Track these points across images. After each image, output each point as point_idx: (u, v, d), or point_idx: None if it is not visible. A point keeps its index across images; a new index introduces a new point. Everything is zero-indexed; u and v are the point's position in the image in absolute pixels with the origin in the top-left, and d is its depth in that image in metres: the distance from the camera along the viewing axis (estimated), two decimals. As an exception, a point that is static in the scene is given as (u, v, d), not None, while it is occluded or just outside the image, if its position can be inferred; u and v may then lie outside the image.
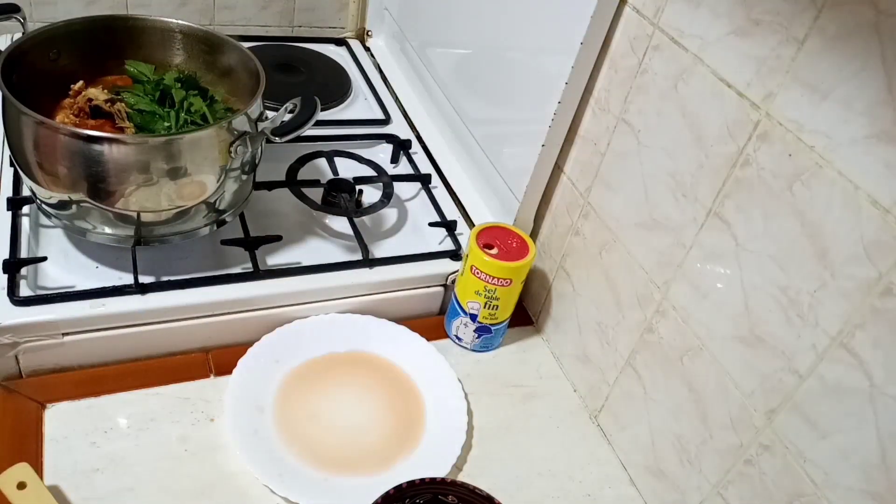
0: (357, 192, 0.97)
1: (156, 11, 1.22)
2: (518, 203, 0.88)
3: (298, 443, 0.73)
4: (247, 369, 0.78)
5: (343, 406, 0.78)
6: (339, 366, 0.82)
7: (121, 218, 0.74)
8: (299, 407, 0.76)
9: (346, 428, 0.76)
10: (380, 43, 1.34)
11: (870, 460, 0.52)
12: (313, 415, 0.76)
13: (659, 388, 0.73)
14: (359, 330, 0.85)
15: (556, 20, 0.80)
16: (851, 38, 0.51)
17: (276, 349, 0.81)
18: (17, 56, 0.75)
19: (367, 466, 0.73)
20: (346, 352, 0.83)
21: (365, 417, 0.77)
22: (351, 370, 0.82)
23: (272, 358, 0.80)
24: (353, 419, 0.77)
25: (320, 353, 0.82)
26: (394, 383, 0.82)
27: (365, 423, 0.77)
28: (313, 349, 0.82)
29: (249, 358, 0.79)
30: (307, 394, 0.78)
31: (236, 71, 0.86)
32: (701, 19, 0.64)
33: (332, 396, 0.78)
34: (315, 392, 0.78)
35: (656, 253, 0.72)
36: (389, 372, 0.83)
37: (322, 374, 0.80)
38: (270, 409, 0.75)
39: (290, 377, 0.79)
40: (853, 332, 0.52)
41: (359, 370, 0.82)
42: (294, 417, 0.75)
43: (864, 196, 0.51)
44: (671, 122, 0.68)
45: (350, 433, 0.76)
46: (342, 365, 0.82)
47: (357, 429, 0.76)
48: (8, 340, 0.72)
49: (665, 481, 0.73)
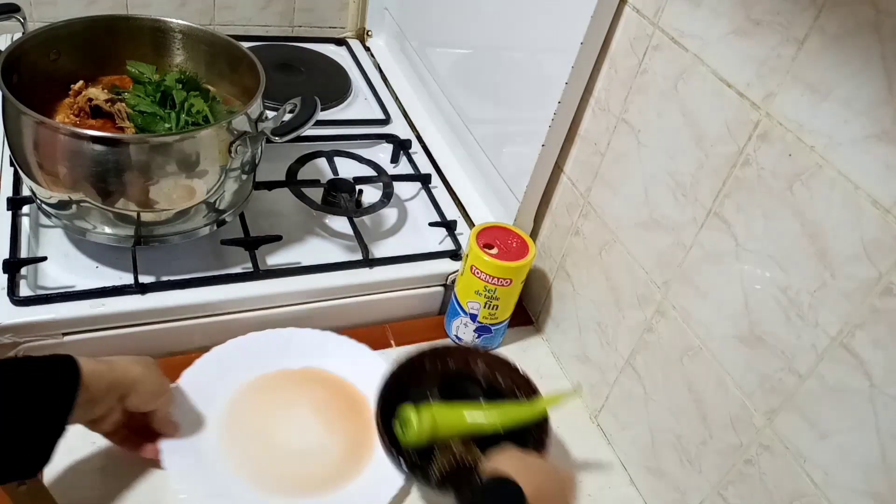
0: (357, 192, 0.97)
1: (156, 11, 1.22)
2: (518, 203, 0.88)
3: (238, 459, 0.69)
4: (191, 381, 0.74)
5: (292, 424, 0.73)
6: (291, 382, 0.77)
7: (121, 218, 0.74)
8: (245, 423, 0.72)
9: (291, 447, 0.71)
10: (380, 43, 1.34)
11: (870, 460, 0.52)
12: (258, 431, 0.72)
13: (659, 388, 0.73)
14: (316, 346, 0.81)
15: (556, 20, 0.80)
16: (851, 37, 0.51)
17: (225, 362, 0.76)
18: (17, 56, 0.75)
19: (311, 487, 0.68)
20: (301, 368, 0.79)
21: (313, 437, 0.72)
22: (303, 387, 0.77)
23: (220, 371, 0.76)
24: (301, 438, 0.72)
25: (272, 368, 0.78)
26: (347, 402, 0.76)
27: (313, 443, 0.72)
28: (265, 364, 0.78)
29: (195, 369, 0.75)
30: (254, 410, 0.73)
31: (236, 71, 0.86)
32: (701, 19, 0.64)
33: (281, 414, 0.74)
34: (263, 408, 0.74)
35: (656, 253, 0.72)
36: (343, 390, 0.78)
37: (272, 390, 0.76)
38: (214, 424, 0.71)
39: (238, 392, 0.75)
40: (853, 332, 0.52)
41: (311, 388, 0.77)
42: (238, 434, 0.71)
43: (864, 196, 0.51)
44: (671, 122, 0.68)
45: (296, 452, 0.71)
46: (294, 381, 0.77)
47: (303, 448, 0.71)
48: (8, 340, 0.72)
49: (665, 481, 0.73)
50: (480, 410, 0.69)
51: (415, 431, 0.65)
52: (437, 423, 0.65)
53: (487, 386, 0.74)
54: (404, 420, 0.66)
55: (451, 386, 0.74)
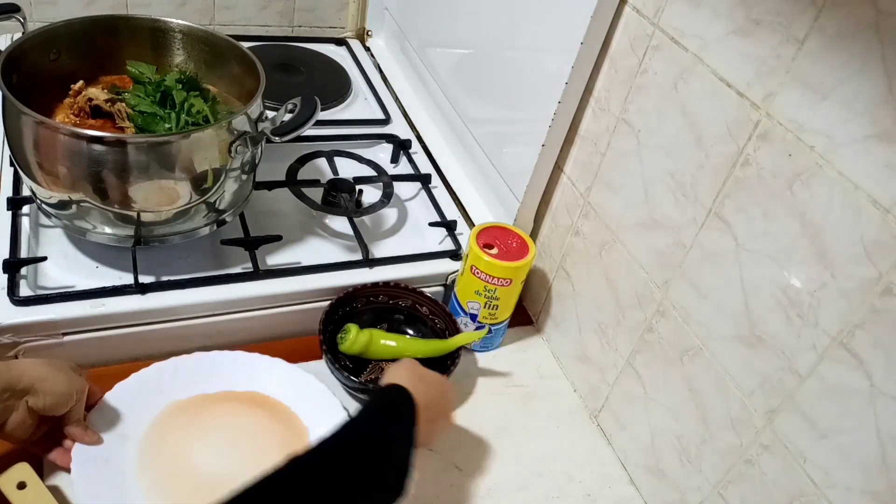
0: (357, 191, 0.97)
1: (156, 11, 1.22)
2: (518, 203, 0.88)
3: (151, 477, 0.66)
4: (123, 393, 0.71)
5: (220, 448, 0.69)
6: (228, 404, 0.74)
7: (121, 218, 0.74)
8: (168, 442, 0.69)
9: (214, 470, 0.67)
10: (380, 43, 1.34)
11: (870, 460, 0.52)
12: (180, 452, 0.68)
13: (659, 388, 0.73)
14: (262, 370, 0.77)
15: (556, 20, 0.80)
16: (851, 38, 0.51)
17: (165, 379, 0.74)
18: (17, 56, 0.75)
19: None
20: (244, 391, 0.75)
21: (241, 463, 0.68)
22: (243, 411, 0.73)
23: (156, 387, 0.73)
24: (227, 463, 0.68)
25: (212, 389, 0.75)
26: (287, 431, 0.72)
27: (239, 469, 0.65)
28: (205, 385, 0.74)
29: (131, 381, 0.72)
30: (181, 430, 0.70)
31: (236, 71, 0.86)
32: (701, 19, 0.64)
33: (211, 436, 0.70)
34: (191, 429, 0.70)
35: (656, 253, 0.72)
36: (286, 419, 0.74)
37: (206, 411, 0.72)
38: (136, 439, 0.68)
39: (170, 410, 0.72)
40: (853, 332, 0.52)
41: (251, 412, 0.73)
42: (158, 452, 0.67)
43: (864, 196, 0.51)
44: (671, 122, 0.68)
45: (218, 477, 0.66)
46: (233, 404, 0.74)
47: (228, 474, 0.66)
48: (8, 340, 0.72)
49: (665, 481, 0.73)
50: (410, 340, 0.85)
51: (351, 339, 0.79)
52: (371, 341, 0.80)
53: (420, 322, 0.88)
54: (345, 331, 0.81)
55: (390, 319, 0.89)
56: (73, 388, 0.63)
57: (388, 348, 0.82)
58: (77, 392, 0.64)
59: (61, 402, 0.62)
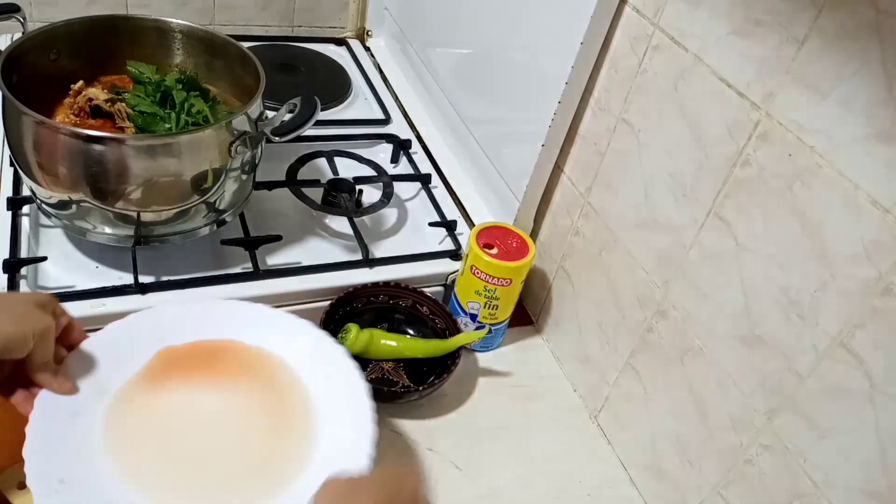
0: (357, 191, 0.97)
1: (156, 11, 1.22)
2: (518, 203, 0.88)
3: (116, 455, 0.56)
4: (112, 336, 0.63)
5: (201, 416, 0.61)
6: (201, 360, 0.65)
7: (121, 218, 0.74)
8: (138, 412, 0.59)
9: (202, 440, 0.59)
10: (380, 43, 1.34)
11: (870, 460, 0.52)
12: (157, 424, 0.59)
13: (659, 388, 0.73)
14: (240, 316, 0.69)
15: (555, 20, 0.80)
16: (851, 38, 0.51)
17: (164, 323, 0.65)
18: (17, 56, 0.75)
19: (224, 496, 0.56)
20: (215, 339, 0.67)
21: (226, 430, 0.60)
22: (218, 367, 0.65)
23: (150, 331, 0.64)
24: (211, 431, 0.60)
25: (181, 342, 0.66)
26: (278, 387, 0.64)
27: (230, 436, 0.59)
28: (204, 333, 0.66)
29: (123, 323, 0.64)
30: (154, 395, 0.61)
31: (236, 71, 0.86)
32: (701, 19, 0.64)
33: (186, 403, 0.61)
34: (165, 394, 0.61)
35: (656, 253, 0.72)
36: (271, 369, 0.66)
37: (177, 372, 0.63)
38: (107, 397, 0.60)
39: (163, 357, 0.64)
40: (853, 332, 0.52)
41: (229, 367, 0.65)
42: (127, 425, 0.59)
43: (864, 196, 0.51)
44: (671, 122, 0.68)
45: (207, 448, 0.58)
46: (206, 359, 0.65)
47: (213, 442, 0.58)
48: (8, 340, 0.72)
49: (665, 481, 0.73)
50: (411, 340, 0.85)
51: (351, 339, 0.79)
52: (372, 341, 0.81)
53: (420, 322, 0.89)
54: (345, 330, 0.81)
55: (391, 319, 0.89)
56: (28, 328, 0.54)
57: (388, 348, 0.82)
58: (36, 332, 0.55)
59: (12, 345, 0.54)
